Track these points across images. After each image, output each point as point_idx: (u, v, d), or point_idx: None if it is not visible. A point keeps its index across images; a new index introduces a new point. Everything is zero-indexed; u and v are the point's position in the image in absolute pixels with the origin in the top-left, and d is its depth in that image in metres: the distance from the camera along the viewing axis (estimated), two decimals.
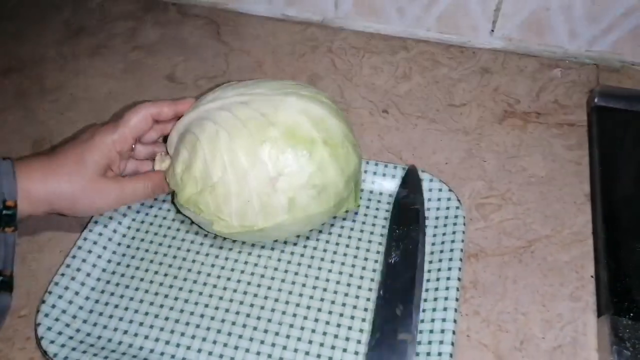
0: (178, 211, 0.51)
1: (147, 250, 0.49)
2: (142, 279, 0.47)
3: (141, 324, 0.44)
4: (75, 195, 0.40)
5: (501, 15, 0.63)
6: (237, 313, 0.45)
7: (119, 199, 0.43)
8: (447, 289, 0.44)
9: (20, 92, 0.65)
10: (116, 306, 0.46)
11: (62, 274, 0.46)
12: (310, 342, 0.43)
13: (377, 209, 0.51)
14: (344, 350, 0.43)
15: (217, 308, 0.45)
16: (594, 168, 0.53)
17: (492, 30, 0.65)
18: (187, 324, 0.44)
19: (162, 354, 0.43)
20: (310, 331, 0.44)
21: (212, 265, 0.48)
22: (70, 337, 0.43)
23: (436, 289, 0.45)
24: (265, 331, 0.44)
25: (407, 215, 0.48)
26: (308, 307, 0.45)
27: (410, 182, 0.51)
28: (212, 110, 0.42)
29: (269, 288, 0.46)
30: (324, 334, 0.44)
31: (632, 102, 0.57)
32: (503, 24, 0.63)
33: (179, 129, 0.44)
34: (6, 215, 0.37)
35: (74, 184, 0.40)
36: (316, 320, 0.44)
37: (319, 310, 0.45)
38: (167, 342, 0.43)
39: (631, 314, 0.42)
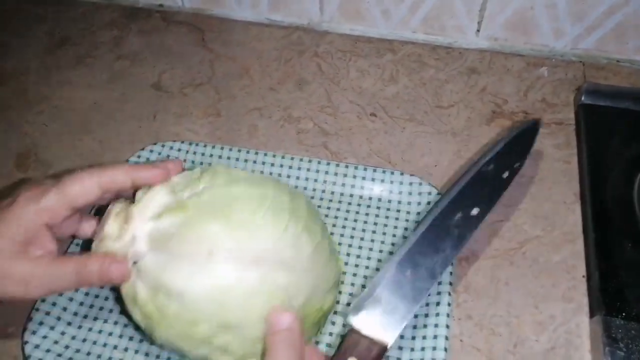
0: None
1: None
2: None
3: (131, 338, 0.44)
4: None
5: (486, 15, 0.63)
6: None
7: (44, 287, 0.34)
8: (439, 294, 0.44)
9: (3, 105, 0.64)
10: (105, 321, 0.45)
11: None
12: None
13: (367, 214, 0.51)
14: None
15: None
16: (583, 166, 0.53)
17: (478, 30, 0.64)
18: None
19: None
20: None
21: None
22: (59, 355, 0.42)
23: (428, 295, 0.44)
24: None
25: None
26: None
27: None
28: None
29: None
30: None
31: (619, 99, 0.57)
32: (488, 23, 0.63)
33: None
34: None
35: None
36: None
37: None
38: (158, 357, 0.43)
39: (623, 314, 0.42)
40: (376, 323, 0.36)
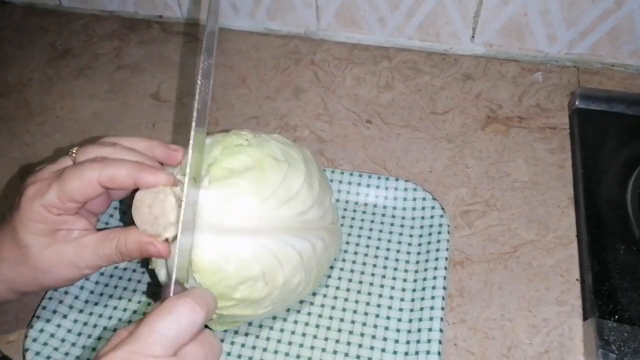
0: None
1: (134, 270, 0.49)
2: (129, 300, 0.47)
3: None
4: (32, 276, 0.35)
5: (481, 21, 0.63)
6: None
7: (92, 266, 0.36)
8: (432, 298, 0.44)
9: (6, 116, 0.65)
10: (105, 328, 0.46)
11: (50, 298, 0.46)
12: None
13: (362, 220, 0.51)
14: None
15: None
16: (577, 171, 0.53)
17: (473, 37, 0.65)
18: None
19: None
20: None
21: None
22: None
23: (422, 299, 0.45)
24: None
25: None
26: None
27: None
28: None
29: None
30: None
31: (613, 103, 0.57)
32: (483, 30, 0.64)
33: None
34: None
35: (21, 268, 0.34)
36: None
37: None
38: None
39: (616, 317, 0.42)
40: None
